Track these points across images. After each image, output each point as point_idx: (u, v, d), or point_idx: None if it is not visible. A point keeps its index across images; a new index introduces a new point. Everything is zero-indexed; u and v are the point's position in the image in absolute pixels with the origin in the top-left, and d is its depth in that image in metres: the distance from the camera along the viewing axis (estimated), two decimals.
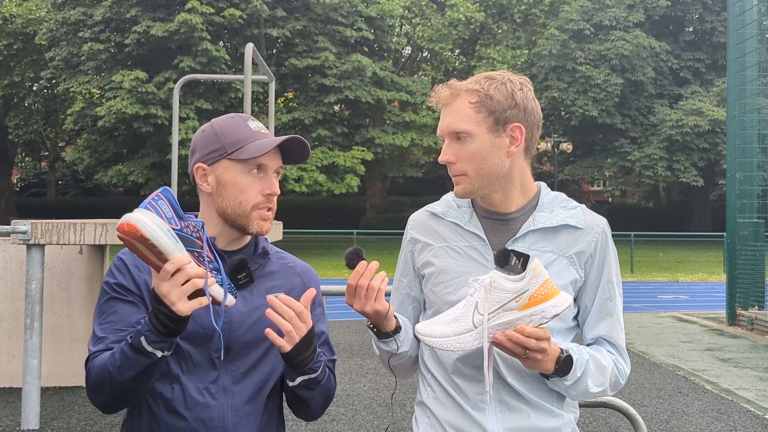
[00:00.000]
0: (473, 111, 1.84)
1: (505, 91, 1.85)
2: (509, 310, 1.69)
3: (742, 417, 6.05)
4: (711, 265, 22.79)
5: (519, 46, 35.37)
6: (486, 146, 1.84)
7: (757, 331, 10.20)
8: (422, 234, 1.99)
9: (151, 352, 1.62)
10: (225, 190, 1.80)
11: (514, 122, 1.85)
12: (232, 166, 1.80)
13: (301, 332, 1.68)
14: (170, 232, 1.58)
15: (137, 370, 1.65)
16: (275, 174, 1.84)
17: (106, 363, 1.68)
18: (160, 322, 1.60)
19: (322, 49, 29.12)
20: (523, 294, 1.68)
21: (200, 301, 1.59)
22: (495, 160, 1.85)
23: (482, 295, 1.70)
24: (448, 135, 1.87)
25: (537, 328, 1.68)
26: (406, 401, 6.23)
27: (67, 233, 5.36)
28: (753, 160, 10.88)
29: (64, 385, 6.60)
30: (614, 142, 34.17)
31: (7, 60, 33.64)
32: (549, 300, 1.68)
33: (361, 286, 1.75)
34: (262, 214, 1.81)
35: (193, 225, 1.64)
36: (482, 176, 1.85)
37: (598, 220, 1.94)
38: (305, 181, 27.31)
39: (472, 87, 1.86)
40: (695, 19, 35.87)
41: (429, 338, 1.75)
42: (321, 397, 1.86)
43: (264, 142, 1.79)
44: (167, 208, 1.61)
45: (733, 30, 11.05)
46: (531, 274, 1.68)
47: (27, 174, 51.53)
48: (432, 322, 1.77)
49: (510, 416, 1.84)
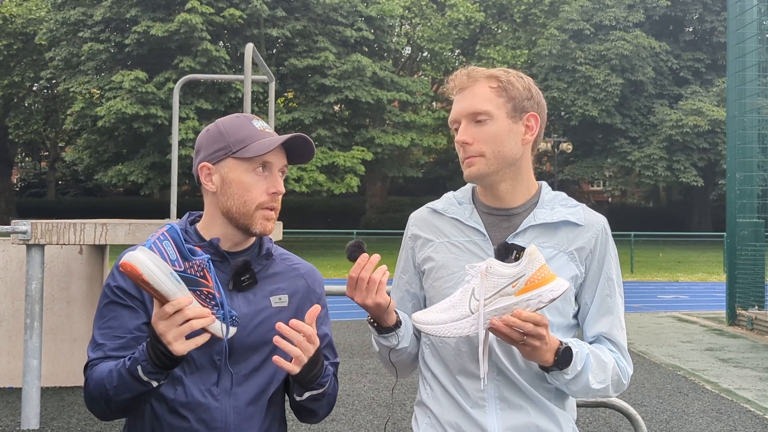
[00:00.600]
0: (494, 95, 1.88)
1: (523, 82, 1.92)
2: (506, 295, 1.69)
3: (742, 417, 6.05)
4: (711, 265, 22.78)
5: (519, 46, 35.37)
6: (504, 130, 1.87)
7: (757, 331, 10.19)
8: (423, 230, 2.00)
9: (147, 381, 1.63)
10: (230, 189, 1.80)
11: (531, 112, 1.90)
12: (236, 164, 1.79)
13: (309, 353, 1.68)
14: (173, 275, 1.57)
15: (132, 393, 1.65)
16: (280, 173, 1.83)
17: (104, 380, 1.68)
18: (156, 356, 1.60)
19: (322, 49, 29.12)
20: (520, 279, 1.68)
21: (196, 342, 1.60)
22: (511, 144, 1.88)
23: (479, 281, 1.70)
24: (465, 117, 1.89)
25: (534, 313, 1.68)
26: (406, 401, 6.23)
27: (67, 233, 5.36)
28: (753, 160, 10.87)
29: (64, 385, 6.60)
30: (614, 142, 34.18)
31: (7, 60, 33.64)
32: (546, 284, 1.68)
33: (362, 278, 1.75)
34: (266, 214, 1.80)
35: (198, 264, 1.62)
36: (498, 158, 1.87)
37: (598, 217, 1.96)
38: (305, 181, 27.31)
39: (493, 73, 1.90)
40: (695, 19, 35.88)
41: (426, 325, 1.75)
42: (328, 405, 1.88)
43: (269, 140, 1.79)
44: (172, 249, 1.58)
45: (733, 30, 11.05)
46: (527, 259, 1.68)
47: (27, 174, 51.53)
48: (429, 310, 1.77)
49: (510, 414, 1.84)
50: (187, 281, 1.59)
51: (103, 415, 1.76)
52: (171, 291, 1.56)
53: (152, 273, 1.53)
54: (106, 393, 1.68)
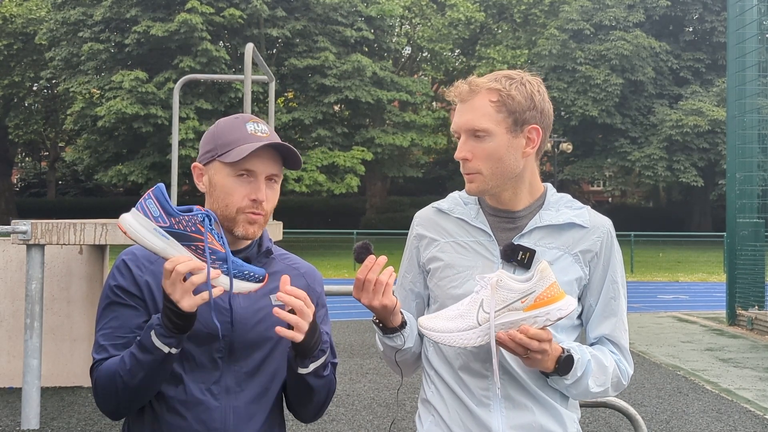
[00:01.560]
0: (494, 110, 1.84)
1: (525, 92, 1.86)
2: (514, 310, 1.70)
3: (742, 417, 6.05)
4: (711, 265, 22.78)
5: (519, 46, 35.36)
6: (504, 146, 1.85)
7: (757, 331, 10.19)
8: (428, 230, 2.00)
9: (159, 347, 1.64)
10: (215, 192, 1.80)
11: (532, 124, 1.86)
12: (221, 168, 1.78)
13: (309, 319, 1.68)
14: (157, 231, 1.61)
15: (146, 370, 1.66)
16: (269, 180, 1.80)
17: (116, 368, 1.69)
18: (168, 319, 1.63)
19: (322, 49, 29.11)
20: (530, 295, 1.69)
21: (203, 297, 1.61)
22: (511, 160, 1.86)
23: (488, 293, 1.71)
24: (465, 132, 1.87)
25: (540, 330, 1.69)
26: (406, 401, 6.22)
27: (67, 233, 5.36)
28: (753, 160, 10.87)
29: (64, 385, 6.60)
30: (614, 142, 34.17)
31: (7, 60, 33.64)
32: (555, 303, 1.69)
33: (369, 280, 1.75)
34: (249, 217, 1.78)
35: (187, 219, 1.64)
36: (497, 176, 1.86)
37: (603, 220, 1.96)
38: (305, 181, 27.30)
39: (494, 86, 1.85)
40: (695, 19, 35.87)
41: (432, 332, 1.76)
42: (325, 390, 1.86)
43: (248, 147, 1.75)
44: (155, 206, 1.63)
45: (733, 30, 11.05)
46: (539, 275, 1.69)
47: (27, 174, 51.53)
48: (436, 317, 1.78)
49: (515, 413, 1.84)
50: (177, 236, 1.63)
51: (116, 410, 1.76)
52: (159, 247, 1.63)
53: (135, 230, 1.61)
54: (121, 380, 1.68)
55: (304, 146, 29.05)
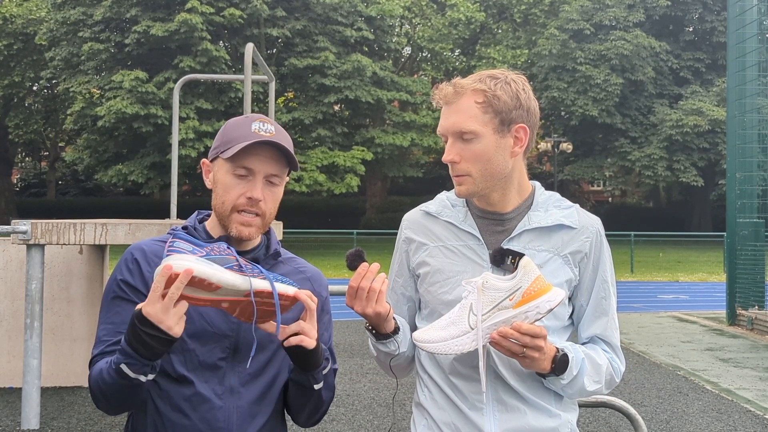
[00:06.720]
0: (480, 111, 1.82)
1: (510, 91, 1.83)
2: (504, 309, 1.70)
3: (742, 417, 6.05)
4: (711, 265, 22.78)
5: (519, 46, 35.37)
6: (491, 147, 1.83)
7: (757, 331, 10.19)
8: (417, 233, 1.98)
9: (134, 377, 1.61)
10: (216, 188, 1.82)
11: (519, 123, 1.84)
12: (223, 164, 1.80)
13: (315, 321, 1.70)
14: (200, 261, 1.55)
15: (124, 391, 1.65)
16: (268, 180, 1.80)
17: (99, 375, 1.68)
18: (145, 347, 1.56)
19: (322, 49, 29.10)
20: (516, 291, 1.69)
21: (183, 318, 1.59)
22: (499, 160, 1.84)
23: (476, 296, 1.71)
24: (452, 134, 1.85)
25: (533, 326, 1.69)
26: (406, 401, 6.22)
27: (67, 233, 5.36)
28: (753, 160, 10.87)
29: (64, 385, 6.60)
30: (614, 142, 34.16)
31: (7, 60, 33.62)
32: (542, 296, 1.69)
33: (362, 288, 1.75)
34: (244, 219, 1.77)
35: (217, 246, 1.62)
36: (486, 177, 1.84)
37: (592, 219, 1.95)
38: (305, 181, 27.29)
39: (478, 87, 1.83)
40: (695, 19, 35.87)
41: (428, 344, 1.76)
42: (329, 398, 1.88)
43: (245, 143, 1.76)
44: (184, 243, 1.58)
45: (733, 30, 11.05)
46: (522, 271, 1.69)
47: (27, 174, 51.53)
48: (429, 329, 1.78)
49: (507, 416, 1.84)
50: (217, 262, 1.59)
51: (108, 411, 1.76)
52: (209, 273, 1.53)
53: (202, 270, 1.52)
54: (104, 389, 1.68)
55: (304, 146, 29.04)
